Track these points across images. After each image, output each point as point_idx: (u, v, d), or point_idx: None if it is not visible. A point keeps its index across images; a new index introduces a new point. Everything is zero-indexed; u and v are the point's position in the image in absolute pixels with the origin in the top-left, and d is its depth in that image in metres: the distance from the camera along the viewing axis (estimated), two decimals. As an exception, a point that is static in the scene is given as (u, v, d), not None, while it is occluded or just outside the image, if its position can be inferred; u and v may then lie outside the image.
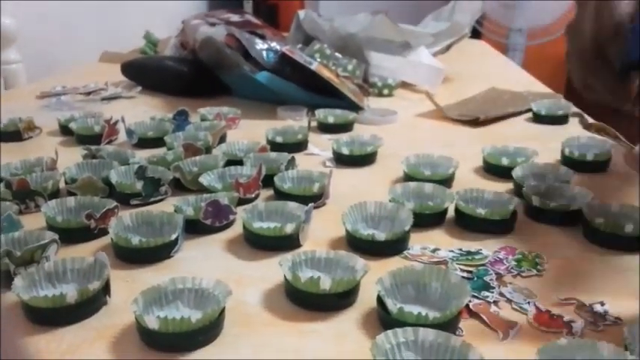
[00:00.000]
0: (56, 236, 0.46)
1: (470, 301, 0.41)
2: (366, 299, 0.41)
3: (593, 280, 0.45)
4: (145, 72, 1.01)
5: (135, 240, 0.46)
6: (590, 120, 0.71)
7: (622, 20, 0.40)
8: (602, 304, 0.41)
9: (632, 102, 0.37)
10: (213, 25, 0.97)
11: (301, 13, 1.17)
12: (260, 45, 0.88)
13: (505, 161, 0.64)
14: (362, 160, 0.68)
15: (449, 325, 0.37)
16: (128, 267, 0.46)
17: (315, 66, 0.87)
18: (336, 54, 1.01)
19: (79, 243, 0.49)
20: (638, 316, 0.36)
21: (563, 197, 0.55)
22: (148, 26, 1.56)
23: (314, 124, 0.82)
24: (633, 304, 0.41)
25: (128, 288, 0.43)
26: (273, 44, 0.89)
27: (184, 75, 0.96)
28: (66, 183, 0.58)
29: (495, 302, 0.41)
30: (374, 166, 0.69)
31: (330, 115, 0.81)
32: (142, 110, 0.89)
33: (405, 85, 1.06)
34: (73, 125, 0.74)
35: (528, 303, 0.41)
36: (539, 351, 0.32)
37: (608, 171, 0.66)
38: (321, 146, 0.74)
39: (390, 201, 0.54)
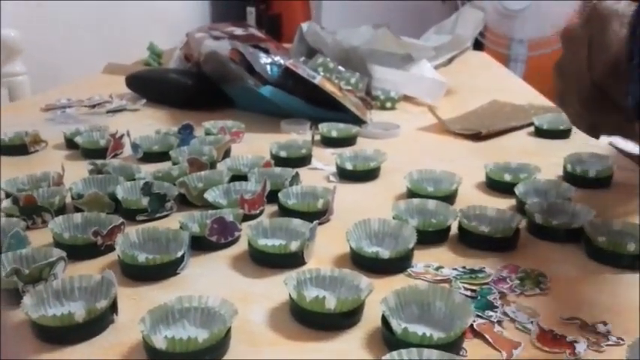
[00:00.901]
0: (64, 254, 0.46)
1: (474, 321, 0.41)
2: (371, 318, 0.41)
3: (595, 299, 0.45)
4: (150, 84, 1.02)
5: (141, 257, 0.46)
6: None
7: (619, 57, 0.40)
8: (605, 323, 0.41)
9: None
10: (217, 38, 0.98)
11: (304, 26, 1.18)
12: (264, 59, 0.89)
13: (507, 177, 0.64)
14: (365, 175, 0.69)
15: (453, 346, 0.37)
16: (135, 284, 0.46)
17: (318, 80, 0.88)
18: (339, 67, 1.02)
19: (86, 259, 0.50)
20: (639, 335, 0.36)
21: (565, 214, 0.56)
22: (151, 36, 1.57)
23: (317, 137, 0.82)
24: (635, 324, 0.41)
25: (135, 306, 0.43)
26: (277, 58, 0.90)
27: (188, 88, 0.97)
28: (72, 198, 0.58)
29: (499, 322, 0.41)
30: (377, 181, 0.69)
31: (334, 129, 0.82)
32: (146, 123, 0.90)
33: (407, 98, 1.07)
34: (78, 139, 0.75)
35: (532, 322, 0.41)
36: (542, 373, 0.33)
37: (611, 187, 0.67)
38: (325, 160, 0.75)
39: (393, 218, 0.54)
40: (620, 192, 0.66)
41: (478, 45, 2.16)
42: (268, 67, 0.89)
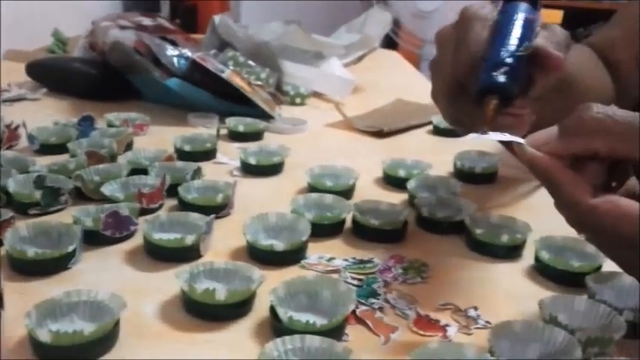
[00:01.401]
0: (-55, 249, 0.45)
1: (357, 308, 0.44)
2: (262, 309, 0.43)
3: (470, 286, 0.49)
4: (52, 73, 0.98)
5: (30, 252, 0.45)
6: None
7: (477, 57, 0.44)
8: (476, 308, 0.45)
9: (487, 124, 0.41)
10: (123, 28, 0.96)
11: (216, 18, 1.18)
12: (171, 51, 0.89)
13: (402, 173, 0.68)
14: (269, 169, 0.70)
15: (335, 332, 0.40)
16: (24, 279, 0.46)
17: (226, 74, 0.88)
18: (250, 62, 1.02)
19: (-28, 255, 0.48)
20: (504, 320, 0.40)
21: (450, 208, 0.60)
22: (57, 23, 1.50)
23: (224, 132, 0.83)
24: (503, 309, 0.46)
25: (22, 301, 0.42)
26: (185, 51, 0.89)
27: (92, 77, 0.95)
28: (-41, 191, 0.56)
29: (381, 308, 0.44)
30: (280, 175, 0.71)
31: (241, 124, 0.83)
32: (46, 114, 0.87)
33: (317, 94, 1.09)
34: (-32, 130, 0.71)
35: (410, 309, 0.44)
36: (410, 354, 0.36)
37: (495, 182, 0.72)
38: (231, 155, 0.76)
39: (291, 212, 0.56)
40: (503, 187, 0.71)
41: (393, 44, 2.23)
42: (175, 60, 0.88)
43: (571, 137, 0.36)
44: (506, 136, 0.37)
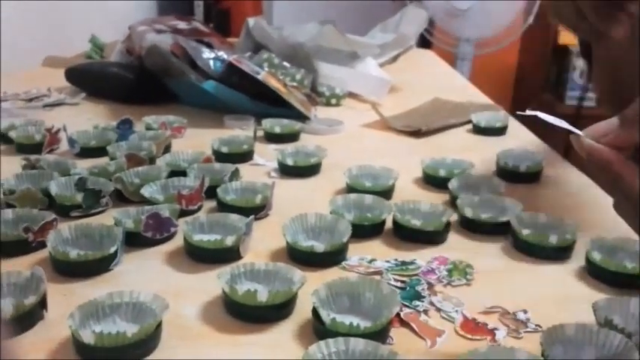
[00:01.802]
0: (-9, 250, 0.45)
1: (401, 311, 0.42)
2: (303, 310, 0.42)
3: (518, 288, 0.47)
4: (90, 78, 1.00)
5: (73, 253, 0.46)
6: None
7: None
8: (525, 312, 0.43)
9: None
10: (159, 32, 0.97)
11: (250, 21, 1.18)
12: (207, 54, 0.89)
13: (442, 173, 0.66)
14: (306, 170, 0.69)
15: (379, 335, 0.39)
16: (66, 281, 0.46)
17: (262, 75, 0.88)
18: (285, 63, 1.02)
19: (17, 256, 0.49)
20: (557, 324, 0.38)
21: (494, 209, 0.58)
22: (94, 29, 1.53)
23: (260, 133, 0.83)
24: (553, 312, 0.44)
25: (66, 302, 0.43)
26: (221, 53, 0.90)
27: (130, 82, 0.96)
28: (4, 194, 0.57)
29: (425, 311, 0.43)
30: (318, 176, 0.70)
31: (277, 125, 0.82)
32: (85, 118, 0.88)
33: (352, 95, 1.08)
34: (12, 134, 0.73)
35: (456, 311, 0.43)
36: (460, 358, 0.34)
37: (540, 182, 0.70)
38: (267, 156, 0.75)
39: (330, 212, 0.56)
40: (549, 187, 0.69)
41: (427, 43, 2.20)
42: (211, 62, 0.89)
43: (633, 127, 0.33)
44: (564, 124, 0.35)
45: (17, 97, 0.95)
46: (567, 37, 2.35)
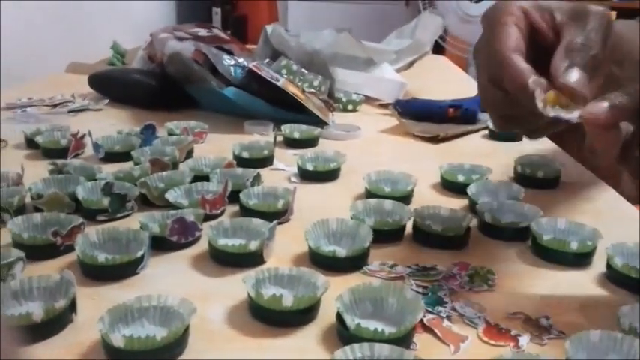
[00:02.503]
0: (22, 254, 0.46)
1: (424, 316, 0.43)
2: (327, 315, 0.43)
3: (539, 294, 0.47)
4: (113, 84, 1.01)
5: (101, 257, 0.47)
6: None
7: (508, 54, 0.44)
8: (547, 318, 0.44)
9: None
10: (181, 39, 0.98)
11: (269, 28, 1.19)
12: (227, 61, 0.90)
13: (461, 178, 0.67)
14: (326, 176, 0.70)
15: (403, 340, 0.39)
16: (95, 284, 0.47)
17: (281, 82, 0.89)
18: (302, 70, 1.03)
19: (46, 260, 0.50)
20: (581, 330, 0.39)
21: (514, 214, 0.58)
22: (116, 35, 1.55)
23: (280, 139, 0.83)
24: (575, 318, 0.44)
25: (95, 305, 0.44)
26: (241, 60, 0.91)
27: (152, 88, 0.97)
28: (32, 199, 0.58)
29: (448, 317, 0.43)
30: (337, 181, 0.71)
31: (296, 131, 0.83)
32: (109, 123, 0.90)
33: (369, 100, 1.09)
34: (39, 139, 0.74)
35: (479, 317, 0.43)
36: (484, 364, 0.35)
37: (558, 187, 0.70)
38: (287, 161, 0.76)
39: (351, 217, 0.56)
40: (567, 193, 0.69)
41: (439, 49, 2.20)
42: (232, 69, 0.90)
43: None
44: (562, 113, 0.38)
45: (43, 102, 0.96)
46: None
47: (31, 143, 0.77)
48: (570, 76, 0.42)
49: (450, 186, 0.68)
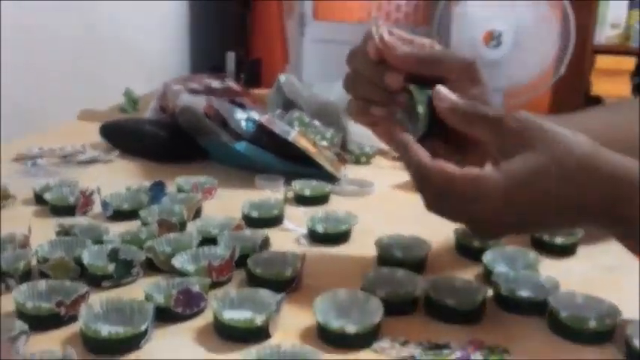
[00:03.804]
0: (26, 326, 0.46)
1: (437, 404, 0.41)
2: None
3: (558, 378, 0.45)
4: (124, 135, 1.02)
5: (104, 331, 0.46)
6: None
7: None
8: (566, 406, 0.41)
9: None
10: (193, 92, 0.99)
11: (282, 77, 1.20)
12: (239, 115, 0.90)
13: (476, 244, 0.65)
14: (336, 238, 0.69)
15: None
16: (97, 357, 0.46)
17: (292, 136, 0.89)
18: (315, 122, 1.03)
19: (49, 330, 0.49)
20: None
21: (530, 285, 0.56)
22: (129, 79, 1.57)
23: (290, 195, 0.83)
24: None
25: (95, 383, 0.42)
26: (252, 114, 0.91)
27: (163, 140, 0.97)
28: (38, 262, 0.58)
29: (462, 404, 0.41)
30: (348, 243, 0.70)
31: (306, 188, 0.82)
32: (118, 177, 0.90)
33: (382, 152, 1.08)
34: (47, 195, 0.74)
35: (494, 405, 0.41)
36: None
37: (577, 254, 0.68)
38: (297, 221, 0.75)
39: (361, 288, 0.55)
40: (585, 260, 0.67)
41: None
42: (243, 123, 0.90)
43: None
44: None
45: (53, 153, 0.97)
46: (600, 87, 2.33)
47: (39, 199, 0.76)
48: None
49: (465, 251, 0.66)
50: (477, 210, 0.47)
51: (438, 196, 0.49)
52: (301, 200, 0.82)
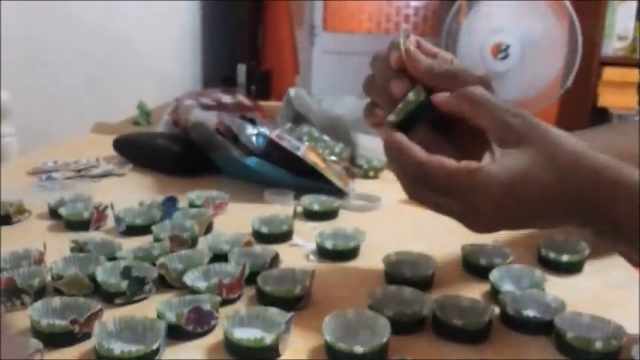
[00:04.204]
0: (40, 345, 0.47)
1: None
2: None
3: (563, 400, 0.46)
4: (137, 149, 1.03)
5: (117, 349, 0.47)
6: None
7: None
8: None
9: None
10: (205, 107, 1.00)
11: (292, 91, 1.21)
12: (250, 130, 0.92)
13: (483, 262, 0.66)
14: (345, 254, 0.70)
15: None
16: (109, 376, 0.47)
17: (301, 151, 0.90)
18: (324, 137, 1.04)
19: (63, 347, 0.50)
20: None
21: (537, 304, 0.57)
22: (142, 92, 1.60)
23: (300, 209, 0.84)
24: None
25: (108, 401, 0.43)
26: (263, 129, 0.92)
27: (175, 154, 0.99)
28: (52, 279, 0.59)
29: None
30: (357, 260, 0.70)
31: (315, 203, 0.83)
32: (131, 190, 0.91)
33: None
34: (62, 210, 0.75)
35: None
36: None
37: (583, 272, 0.68)
38: (306, 236, 0.76)
39: (369, 306, 0.56)
40: (592, 278, 0.67)
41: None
42: (254, 138, 0.91)
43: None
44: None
45: (67, 167, 0.98)
46: (607, 99, 2.33)
47: (54, 213, 0.78)
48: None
49: (472, 268, 0.67)
50: (476, 203, 0.48)
51: (436, 190, 0.50)
52: (310, 215, 0.83)
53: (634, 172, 0.47)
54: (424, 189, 0.51)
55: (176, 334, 0.51)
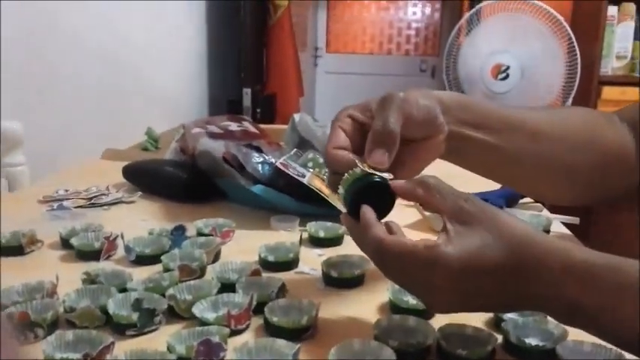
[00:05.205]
0: (54, 379, 0.48)
1: None
2: None
3: None
4: (145, 176, 1.05)
5: (128, 385, 0.48)
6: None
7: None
8: None
9: None
10: (212, 135, 1.02)
11: (296, 117, 1.23)
12: (256, 159, 0.93)
13: (486, 289, 0.67)
14: (350, 282, 0.71)
15: None
16: (121, 409, 0.48)
17: (307, 178, 0.92)
18: (329, 162, 1.05)
19: (75, 380, 0.51)
20: None
21: (539, 332, 0.58)
22: (150, 117, 1.63)
23: (305, 235, 0.85)
24: None
25: None
26: (269, 157, 0.94)
27: (183, 181, 1.01)
28: (65, 311, 0.60)
29: None
30: (362, 288, 0.72)
31: (321, 229, 0.85)
32: (140, 219, 0.93)
33: (394, 190, 1.10)
34: (73, 241, 0.77)
35: None
36: None
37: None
38: (312, 262, 0.77)
39: (374, 337, 0.57)
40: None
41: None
42: (260, 166, 0.93)
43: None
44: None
45: (78, 195, 1.00)
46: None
47: (66, 243, 0.80)
48: (372, 157, 0.56)
49: (475, 295, 0.68)
50: (434, 280, 0.50)
51: (398, 268, 0.52)
52: (316, 242, 0.84)
53: (583, 252, 0.48)
54: (389, 268, 0.54)
55: (186, 366, 0.52)
